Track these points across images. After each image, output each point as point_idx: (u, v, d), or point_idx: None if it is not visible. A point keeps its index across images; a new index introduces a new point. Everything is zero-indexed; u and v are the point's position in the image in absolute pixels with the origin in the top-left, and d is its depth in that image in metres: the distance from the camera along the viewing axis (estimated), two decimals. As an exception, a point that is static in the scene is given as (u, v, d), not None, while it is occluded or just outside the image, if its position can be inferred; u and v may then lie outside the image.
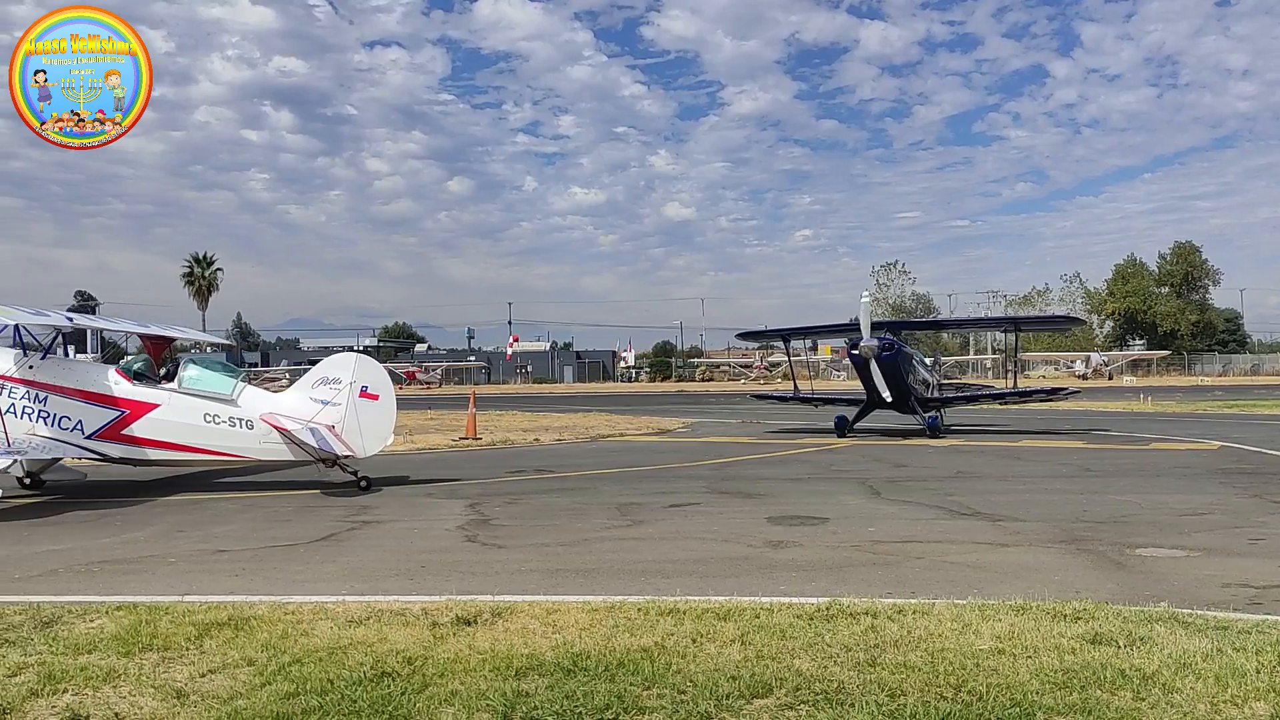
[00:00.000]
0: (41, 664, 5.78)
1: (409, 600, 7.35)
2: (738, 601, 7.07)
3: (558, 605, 7.07)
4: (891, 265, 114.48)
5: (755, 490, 14.17)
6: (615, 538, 10.39)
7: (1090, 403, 41.44)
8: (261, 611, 6.96)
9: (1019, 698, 5.07)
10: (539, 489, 14.78)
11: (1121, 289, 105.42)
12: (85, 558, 9.55)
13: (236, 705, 5.12)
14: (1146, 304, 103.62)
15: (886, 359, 23.38)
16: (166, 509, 13.04)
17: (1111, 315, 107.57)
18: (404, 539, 10.57)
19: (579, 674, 5.53)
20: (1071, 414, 34.02)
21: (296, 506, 13.16)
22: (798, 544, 9.82)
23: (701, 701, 5.11)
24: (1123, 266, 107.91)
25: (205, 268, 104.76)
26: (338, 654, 5.95)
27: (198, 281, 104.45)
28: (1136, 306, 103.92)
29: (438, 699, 5.18)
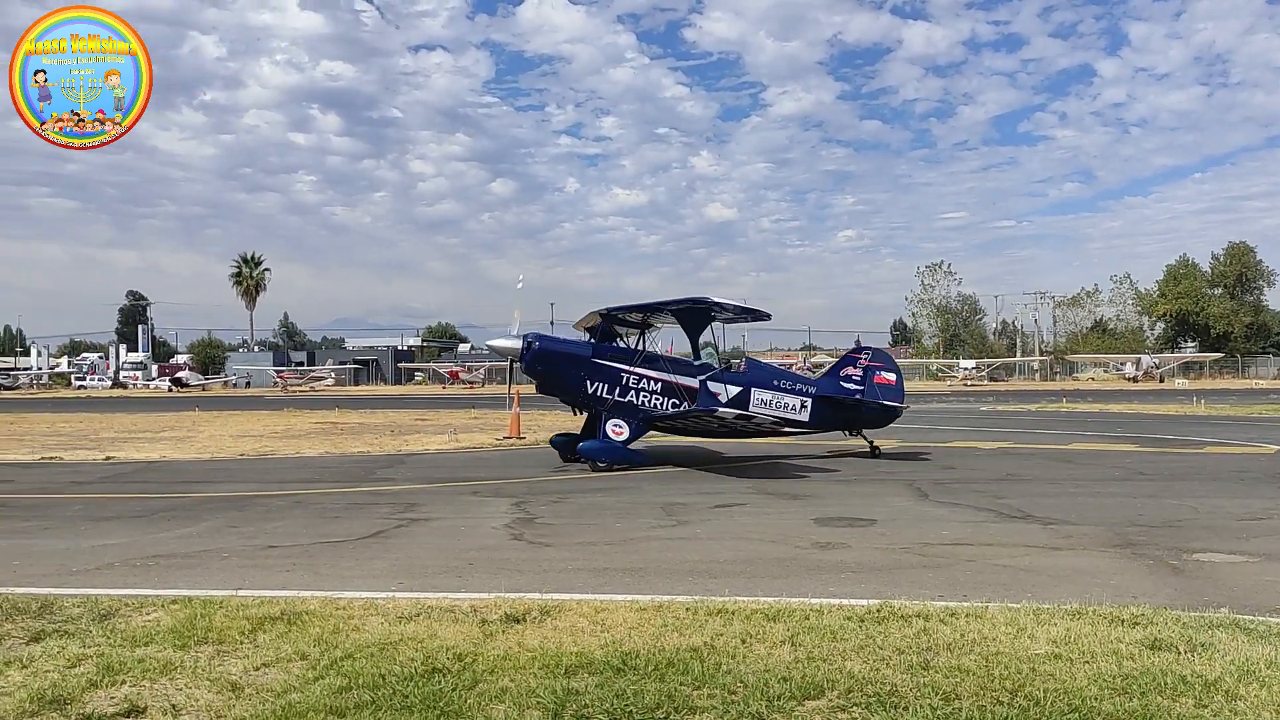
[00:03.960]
0: (100, 656, 5.88)
1: (458, 597, 7.39)
2: (786, 602, 7.03)
3: (606, 604, 7.06)
4: (937, 266, 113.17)
5: (801, 491, 14.08)
6: (661, 537, 10.37)
7: (1141, 405, 40.73)
8: (313, 606, 7.03)
9: (1077, 703, 4.98)
10: (584, 488, 14.80)
11: (1173, 290, 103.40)
12: (140, 552, 9.70)
13: (290, 699, 5.16)
14: (1199, 305, 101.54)
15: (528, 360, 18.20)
16: (218, 505, 13.22)
17: (1163, 317, 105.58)
18: (451, 536, 10.62)
19: (628, 673, 5.52)
20: (1123, 417, 33.46)
21: (345, 504, 13.29)
22: (845, 545, 9.74)
23: (752, 702, 5.07)
24: (1174, 267, 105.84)
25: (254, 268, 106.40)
26: (389, 649, 5.99)
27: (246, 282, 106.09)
28: (1188, 308, 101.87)
29: (488, 696, 5.19)
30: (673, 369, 18.31)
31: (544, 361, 18.27)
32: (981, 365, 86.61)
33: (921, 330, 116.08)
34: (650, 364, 18.19)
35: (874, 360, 19.50)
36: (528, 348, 18.23)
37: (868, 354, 19.94)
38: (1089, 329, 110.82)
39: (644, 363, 18.19)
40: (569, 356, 18.30)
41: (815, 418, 18.80)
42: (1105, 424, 29.84)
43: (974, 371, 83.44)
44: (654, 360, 18.34)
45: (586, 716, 4.93)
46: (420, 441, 24.06)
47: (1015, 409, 39.56)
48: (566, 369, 18.18)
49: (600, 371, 17.98)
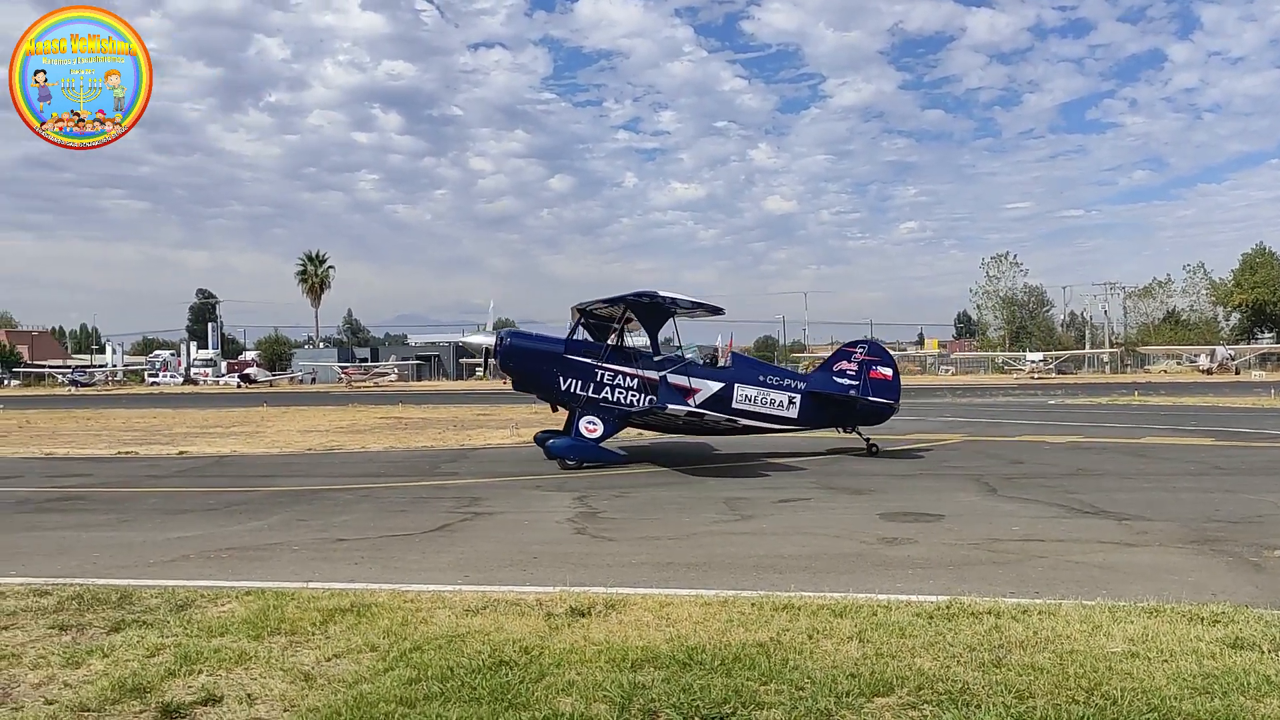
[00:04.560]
0: (178, 645, 6.02)
1: (523, 590, 7.43)
2: (853, 598, 6.96)
3: (670, 598, 7.06)
4: (1002, 257, 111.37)
5: (865, 486, 13.93)
6: (724, 532, 10.34)
7: (1217, 398, 39.62)
8: (382, 599, 7.12)
9: (1156, 703, 4.86)
10: (645, 482, 14.80)
11: (1249, 280, 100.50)
12: (214, 545, 9.91)
13: (361, 689, 5.23)
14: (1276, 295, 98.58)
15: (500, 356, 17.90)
16: (287, 499, 13.46)
17: (1238, 307, 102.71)
18: (515, 530, 10.69)
19: (695, 667, 5.50)
20: (1197, 410, 32.58)
21: (410, 498, 13.45)
22: (912, 541, 9.61)
23: (820, 698, 5.03)
24: (1251, 256, 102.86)
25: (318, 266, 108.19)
26: (456, 642, 6.04)
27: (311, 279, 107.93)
28: (1265, 298, 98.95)
29: (555, 688, 5.21)
30: (648, 365, 17.57)
31: (515, 358, 17.85)
32: (1049, 358, 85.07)
33: (986, 322, 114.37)
34: (625, 359, 17.53)
35: (870, 354, 18.78)
36: (499, 344, 17.86)
37: (863, 348, 19.12)
38: (1161, 320, 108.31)
39: (618, 359, 17.52)
40: (540, 353, 17.75)
41: (804, 415, 18.10)
42: (1179, 417, 29.07)
43: (1041, 364, 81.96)
44: (629, 356, 17.65)
45: (653, 711, 4.92)
46: (483, 436, 24.26)
47: (1085, 402, 38.73)
48: (538, 366, 17.67)
49: (573, 368, 17.47)
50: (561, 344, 17.82)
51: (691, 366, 17.96)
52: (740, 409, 17.65)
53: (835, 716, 4.86)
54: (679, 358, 17.91)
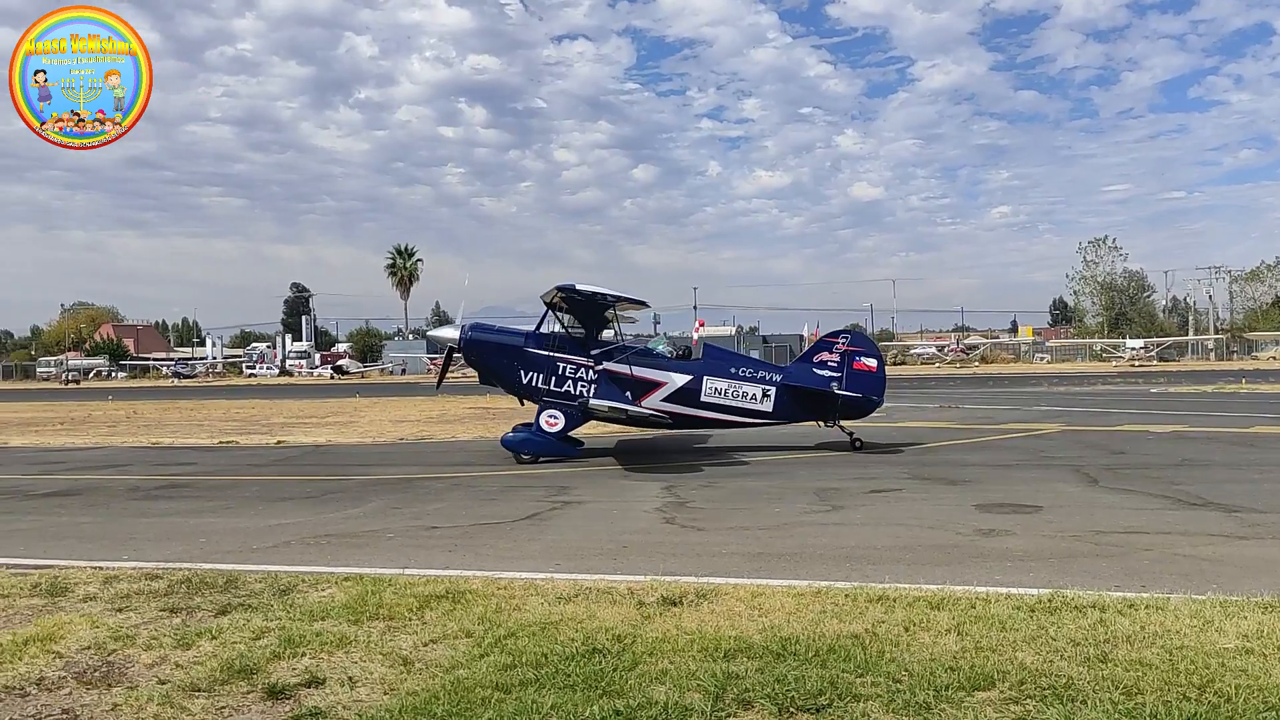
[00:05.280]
0: (281, 629, 6.19)
1: (614, 579, 7.45)
2: (950, 590, 6.82)
3: (762, 588, 7.01)
4: (1100, 241, 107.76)
5: (960, 477, 13.65)
6: (816, 522, 10.23)
7: (1331, 386, 37.89)
8: (475, 586, 7.21)
9: (1274, 701, 4.66)
10: (733, 472, 14.74)
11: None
12: (313, 531, 10.18)
13: (458, 674, 5.31)
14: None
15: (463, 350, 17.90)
16: (381, 487, 13.75)
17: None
18: (604, 519, 10.74)
19: (789, 658, 5.45)
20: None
21: (500, 486, 13.62)
22: (1010, 533, 9.38)
23: (919, 691, 4.93)
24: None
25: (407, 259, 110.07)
26: (549, 629, 6.09)
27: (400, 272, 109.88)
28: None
29: (649, 677, 5.21)
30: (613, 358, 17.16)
31: (476, 351, 17.80)
32: (1150, 345, 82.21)
33: (1084, 309, 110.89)
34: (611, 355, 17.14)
35: (853, 345, 18.00)
36: (461, 336, 17.69)
37: (846, 338, 18.30)
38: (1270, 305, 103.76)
39: (579, 351, 17.14)
40: (500, 346, 17.55)
41: (780, 408, 17.35)
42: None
43: (1142, 351, 79.28)
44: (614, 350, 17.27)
45: (748, 701, 4.89)
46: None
47: (1189, 390, 37.36)
48: (498, 359, 17.49)
49: (534, 361, 17.19)
50: (522, 337, 17.58)
51: (660, 359, 17.61)
52: (710, 402, 17.19)
53: (934, 710, 4.76)
54: (624, 347, 17.46)
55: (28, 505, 12.74)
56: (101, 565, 8.29)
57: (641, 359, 17.40)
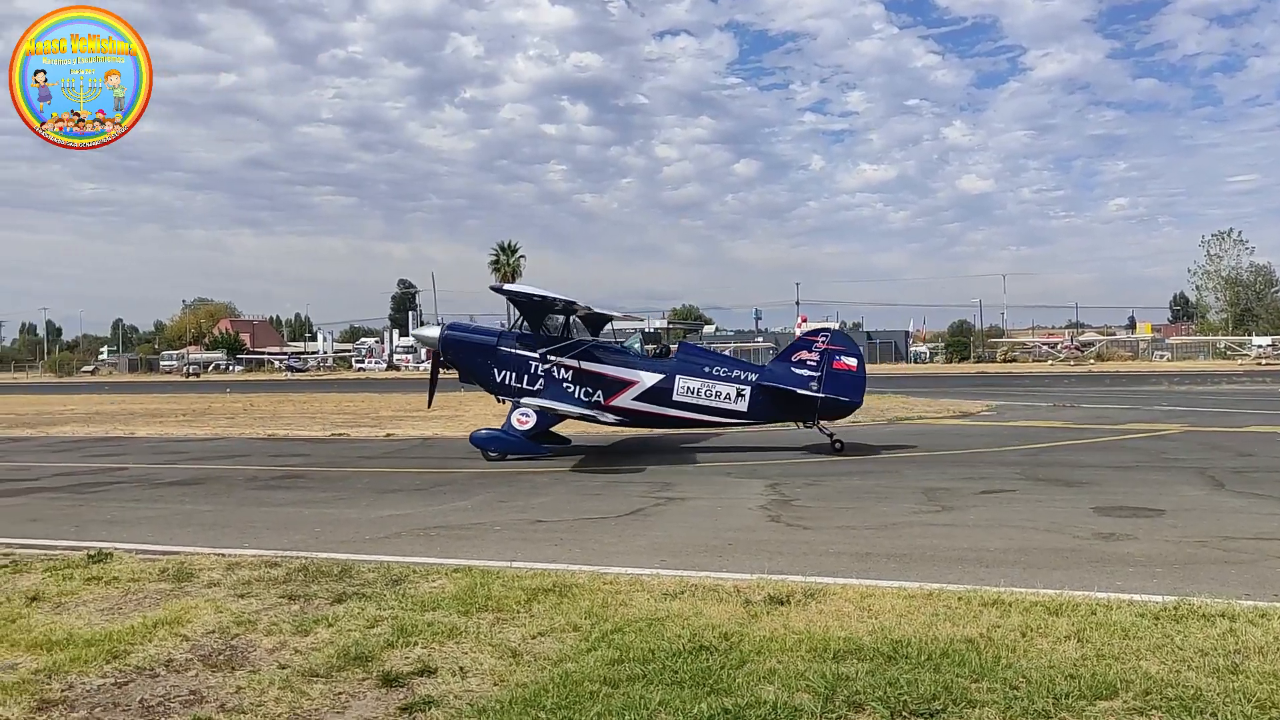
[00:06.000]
0: (394, 618, 6.32)
1: (720, 577, 7.41)
2: (1069, 595, 6.59)
3: (871, 589, 6.89)
4: (1225, 234, 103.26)
5: (1076, 478, 13.19)
6: (925, 523, 10.01)
7: None
8: (582, 580, 7.26)
9: None
10: (839, 471, 14.54)
11: None
12: (422, 523, 10.39)
13: (566, 668, 5.34)
14: None
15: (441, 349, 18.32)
16: (487, 480, 13.96)
17: None
18: (708, 516, 10.70)
19: (900, 661, 5.34)
20: None
21: (603, 481, 13.69)
22: (1131, 537, 9.02)
23: (1037, 699, 4.78)
24: None
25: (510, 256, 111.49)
26: (656, 625, 6.08)
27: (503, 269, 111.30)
28: None
29: (756, 676, 5.16)
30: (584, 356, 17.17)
31: (451, 350, 17.99)
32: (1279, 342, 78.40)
33: (1207, 305, 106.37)
34: (563, 351, 17.14)
35: (833, 343, 17.38)
36: (440, 336, 17.98)
37: (825, 336, 17.67)
38: None
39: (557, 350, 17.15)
40: (475, 345, 17.76)
41: (755, 408, 17.02)
42: None
43: (1269, 349, 75.72)
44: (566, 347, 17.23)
45: (858, 703, 4.80)
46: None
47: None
48: (473, 358, 17.68)
49: (507, 360, 17.35)
50: (495, 336, 17.76)
51: (631, 357, 17.52)
52: (682, 401, 16.95)
53: (1054, 718, 4.61)
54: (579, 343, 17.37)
55: (154, 493, 13.30)
56: (224, 552, 8.62)
57: (613, 357, 17.40)
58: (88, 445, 21.53)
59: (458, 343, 17.98)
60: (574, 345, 17.26)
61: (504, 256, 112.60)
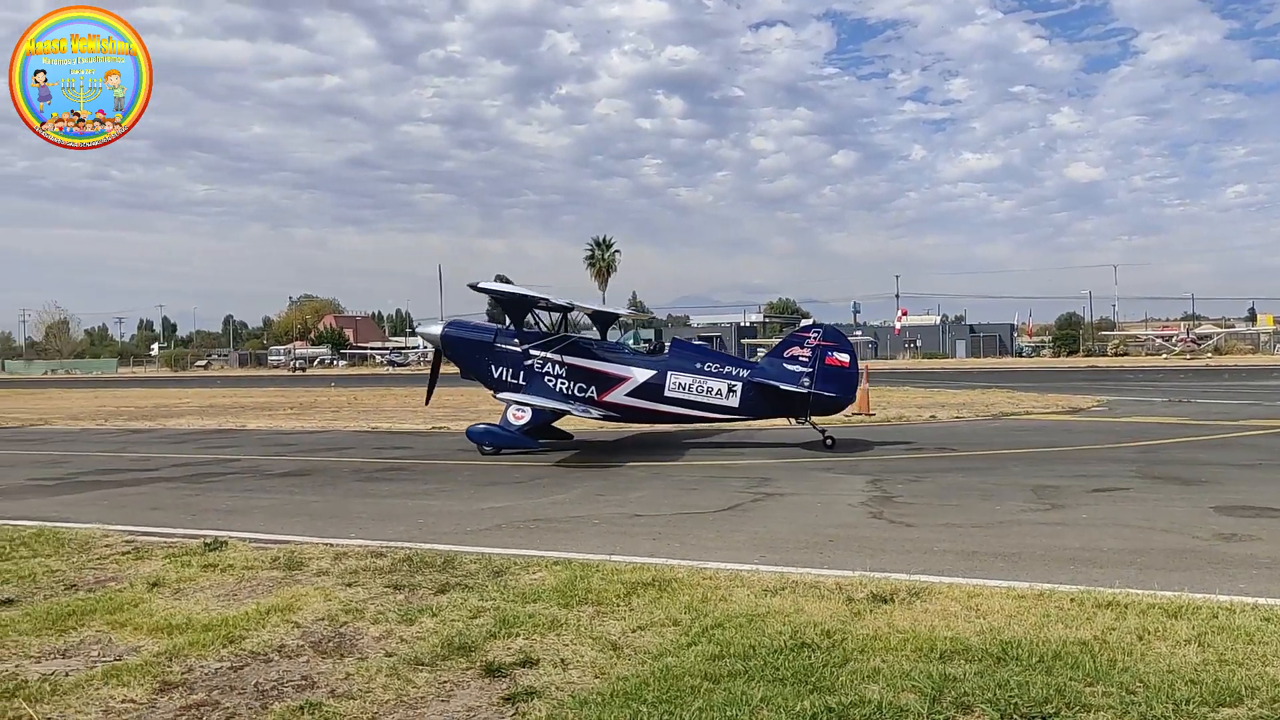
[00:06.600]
0: (497, 609, 6.40)
1: (820, 574, 7.32)
2: (1189, 598, 6.32)
3: (979, 589, 6.71)
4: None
5: (1195, 476, 12.67)
6: (1033, 521, 9.72)
7: None
8: (681, 574, 7.24)
9: None
10: (942, 467, 14.23)
11: None
12: (522, 515, 10.50)
13: (667, 662, 5.33)
14: None
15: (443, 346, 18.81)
16: (584, 474, 14.05)
17: None
18: (807, 512, 10.58)
19: (1010, 663, 5.20)
20: None
21: (700, 476, 13.65)
22: (1255, 538, 8.62)
23: (1155, 704, 4.60)
24: None
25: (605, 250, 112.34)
26: (756, 621, 6.03)
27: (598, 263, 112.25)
28: None
29: (860, 675, 5.08)
30: (577, 353, 17.40)
31: (451, 347, 18.33)
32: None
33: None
34: (548, 346, 17.36)
35: (825, 339, 17.02)
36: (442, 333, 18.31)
37: (818, 332, 17.27)
38: None
39: (543, 345, 17.40)
40: (472, 342, 18.03)
41: (746, 403, 16.87)
42: None
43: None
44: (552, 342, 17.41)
45: (967, 705, 4.68)
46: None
47: None
48: (470, 354, 17.94)
49: (503, 356, 17.56)
50: (492, 332, 18.04)
51: (624, 354, 17.75)
52: (673, 397, 16.91)
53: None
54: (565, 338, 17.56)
55: (266, 484, 13.74)
56: (332, 542, 8.84)
57: (607, 353, 17.61)
58: (203, 437, 22.39)
59: (457, 340, 18.41)
60: (560, 341, 17.56)
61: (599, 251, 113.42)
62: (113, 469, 16.02)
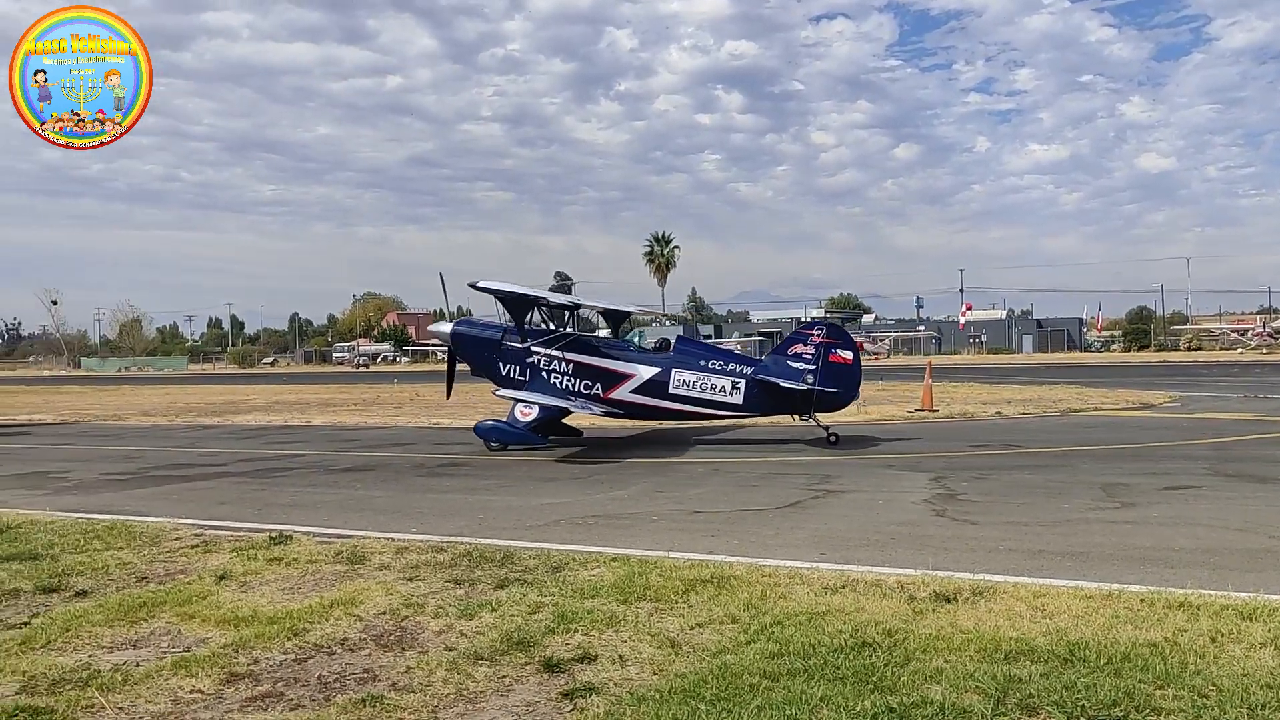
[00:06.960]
0: (555, 605, 6.42)
1: (882, 572, 7.23)
2: (1265, 599, 6.14)
3: (1045, 588, 6.58)
4: None
5: (1271, 474, 12.30)
6: (1102, 520, 9.50)
7: None
8: (740, 572, 7.20)
9: None
10: (1008, 464, 13.99)
11: None
12: (580, 511, 10.53)
13: (725, 660, 5.30)
14: None
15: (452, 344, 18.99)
16: (643, 470, 14.06)
17: None
18: (869, 509, 10.46)
19: (1077, 664, 5.08)
20: None
21: (760, 472, 13.58)
22: (1335, 538, 8.34)
23: (1229, 708, 4.48)
24: None
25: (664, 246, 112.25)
26: (816, 619, 5.97)
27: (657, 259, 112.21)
28: None
29: (922, 675, 5.00)
30: (582, 350, 17.59)
31: (459, 344, 18.62)
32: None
33: None
34: (551, 344, 17.50)
35: (829, 336, 16.82)
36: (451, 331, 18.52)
37: (821, 330, 17.04)
38: None
39: (546, 343, 17.54)
40: (480, 340, 18.22)
41: (750, 401, 16.81)
42: None
43: None
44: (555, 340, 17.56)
45: (1033, 707, 4.59)
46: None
47: None
48: (478, 352, 18.19)
49: (510, 354, 17.74)
50: (500, 330, 18.05)
51: (629, 351, 18.00)
52: (678, 394, 16.96)
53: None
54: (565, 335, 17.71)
55: (329, 479, 13.96)
56: (393, 537, 8.95)
57: (612, 351, 17.85)
58: (269, 433, 22.81)
59: (466, 338, 18.63)
60: (563, 338, 17.71)
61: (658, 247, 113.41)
62: (183, 464, 16.40)
